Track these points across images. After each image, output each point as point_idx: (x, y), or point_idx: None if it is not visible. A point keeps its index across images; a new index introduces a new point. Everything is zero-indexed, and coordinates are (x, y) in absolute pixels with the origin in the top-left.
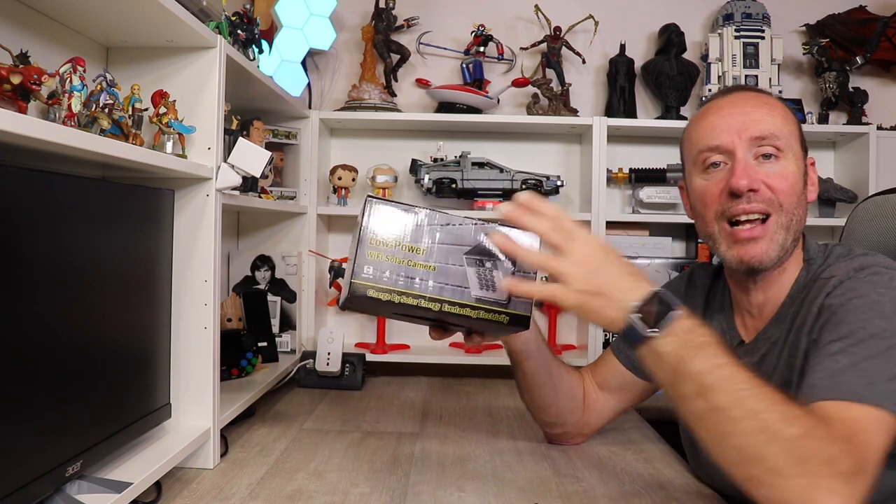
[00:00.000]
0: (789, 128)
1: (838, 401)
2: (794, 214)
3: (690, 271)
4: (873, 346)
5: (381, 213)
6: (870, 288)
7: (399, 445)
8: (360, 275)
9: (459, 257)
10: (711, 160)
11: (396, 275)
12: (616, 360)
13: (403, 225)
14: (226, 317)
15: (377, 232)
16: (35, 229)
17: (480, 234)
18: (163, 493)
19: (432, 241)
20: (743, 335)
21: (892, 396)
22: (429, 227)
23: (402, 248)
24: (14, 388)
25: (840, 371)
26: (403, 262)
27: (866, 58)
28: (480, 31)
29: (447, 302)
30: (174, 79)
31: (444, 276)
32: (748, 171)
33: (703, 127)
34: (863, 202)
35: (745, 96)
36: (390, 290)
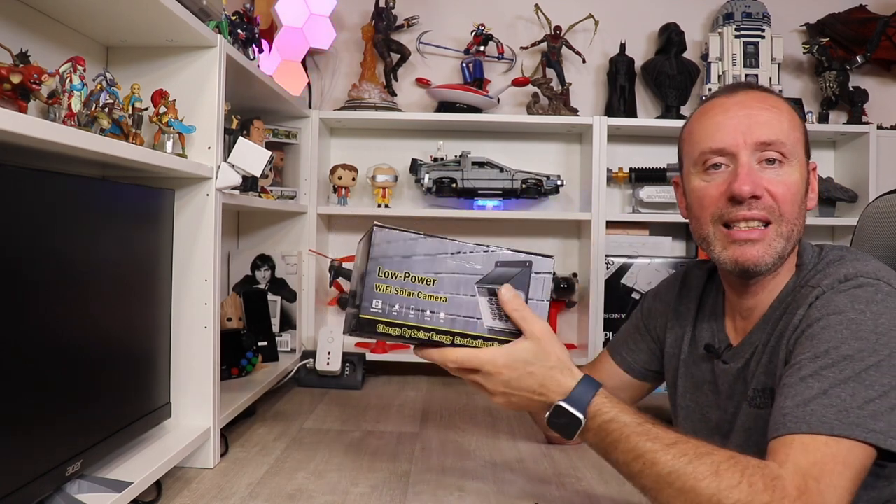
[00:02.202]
0: (795, 133)
1: (807, 434)
2: (794, 224)
3: (685, 271)
4: (845, 368)
5: (388, 241)
6: (849, 303)
7: (399, 445)
8: (369, 309)
9: (471, 287)
10: (713, 161)
11: (406, 308)
12: (612, 362)
13: (412, 254)
14: (226, 316)
15: (385, 263)
16: (35, 229)
17: (492, 262)
18: (163, 493)
19: (442, 271)
20: (732, 338)
21: (864, 422)
22: (438, 256)
23: (410, 280)
24: (14, 387)
25: (811, 399)
26: (413, 295)
27: (866, 57)
28: (480, 31)
29: (459, 334)
30: (174, 78)
31: (455, 307)
32: (752, 177)
33: (707, 126)
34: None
35: (752, 96)
36: (401, 324)
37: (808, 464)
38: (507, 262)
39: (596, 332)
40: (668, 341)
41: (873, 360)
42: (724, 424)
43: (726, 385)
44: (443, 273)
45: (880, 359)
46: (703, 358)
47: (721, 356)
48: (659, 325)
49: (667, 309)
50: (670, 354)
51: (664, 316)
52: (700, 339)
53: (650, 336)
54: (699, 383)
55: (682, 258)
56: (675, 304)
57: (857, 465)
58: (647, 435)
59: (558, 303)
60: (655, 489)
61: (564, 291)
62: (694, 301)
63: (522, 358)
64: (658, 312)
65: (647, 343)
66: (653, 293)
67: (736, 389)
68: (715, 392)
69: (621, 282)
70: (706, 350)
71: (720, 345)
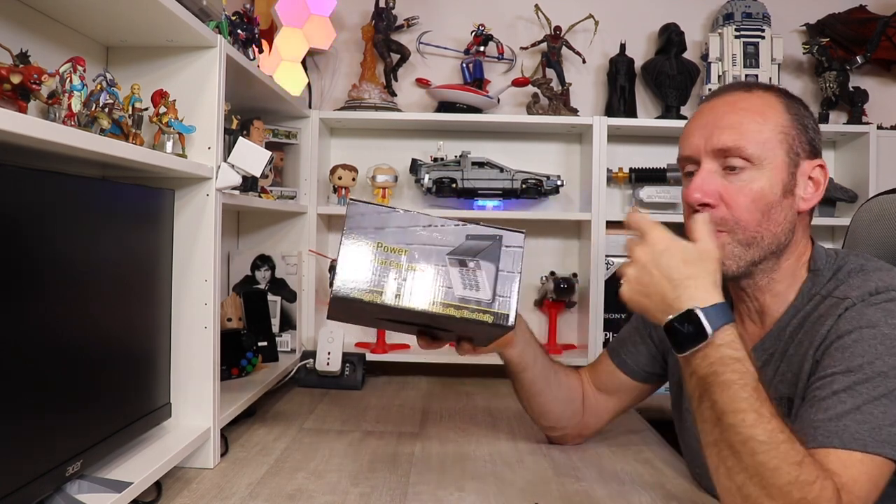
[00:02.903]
0: (767, 135)
1: (840, 449)
2: (756, 231)
3: None
4: (879, 385)
5: (361, 214)
6: (883, 317)
7: (399, 445)
8: (342, 277)
9: (442, 258)
10: (687, 169)
11: (379, 276)
12: (612, 364)
13: (385, 226)
14: (226, 316)
15: (358, 234)
16: (35, 229)
17: (462, 235)
18: (163, 493)
19: (414, 243)
20: None
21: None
22: (410, 228)
23: (383, 250)
24: (14, 387)
25: (844, 414)
26: (386, 264)
27: (866, 57)
28: (480, 31)
29: (430, 302)
30: (174, 78)
31: (426, 276)
32: (704, 185)
33: (685, 133)
34: (867, 202)
35: (725, 100)
36: (373, 290)
37: (849, 480)
38: (478, 235)
39: (596, 333)
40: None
41: None
42: None
43: None
44: (414, 244)
45: None
46: None
47: None
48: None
49: None
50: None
51: None
52: None
53: (651, 339)
54: None
55: None
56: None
57: (883, 481)
58: (759, 394)
59: (558, 303)
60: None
61: (564, 291)
62: None
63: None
64: None
65: (648, 346)
66: None
67: None
68: None
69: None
70: None
71: None
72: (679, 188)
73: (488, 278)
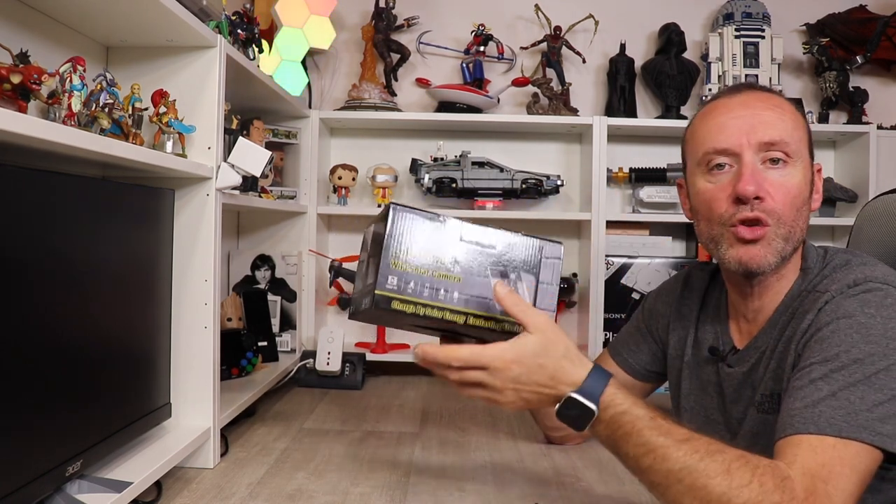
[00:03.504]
0: (798, 133)
1: (815, 435)
2: (793, 226)
3: (687, 272)
4: (855, 372)
5: (405, 221)
6: (859, 307)
7: (399, 445)
8: (385, 285)
9: (484, 269)
10: (717, 162)
11: (421, 286)
12: (613, 362)
13: (428, 234)
14: (226, 316)
15: (402, 241)
16: (35, 229)
17: (505, 245)
18: (163, 493)
19: (457, 251)
20: (736, 341)
21: (872, 425)
22: (453, 236)
23: (427, 258)
24: (14, 387)
25: (819, 401)
26: (428, 273)
27: (866, 57)
28: (480, 31)
29: (472, 315)
30: (174, 78)
31: (469, 287)
32: (756, 178)
33: (711, 127)
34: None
35: (755, 96)
36: (415, 301)
37: (816, 465)
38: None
39: (596, 333)
40: (671, 342)
41: (883, 364)
42: (730, 427)
43: (732, 388)
44: (458, 253)
45: (890, 363)
46: (708, 360)
47: (725, 359)
48: (661, 326)
49: (669, 310)
50: (673, 356)
51: (666, 317)
52: (703, 341)
53: (652, 337)
54: (704, 385)
55: (683, 258)
56: (678, 305)
57: (864, 468)
58: (658, 430)
59: (558, 303)
60: (664, 485)
61: (564, 291)
62: (696, 302)
63: (531, 351)
64: (660, 313)
65: (649, 344)
66: (654, 294)
67: (742, 394)
68: (720, 394)
69: (621, 282)
70: (710, 353)
71: (724, 348)
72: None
73: (529, 290)
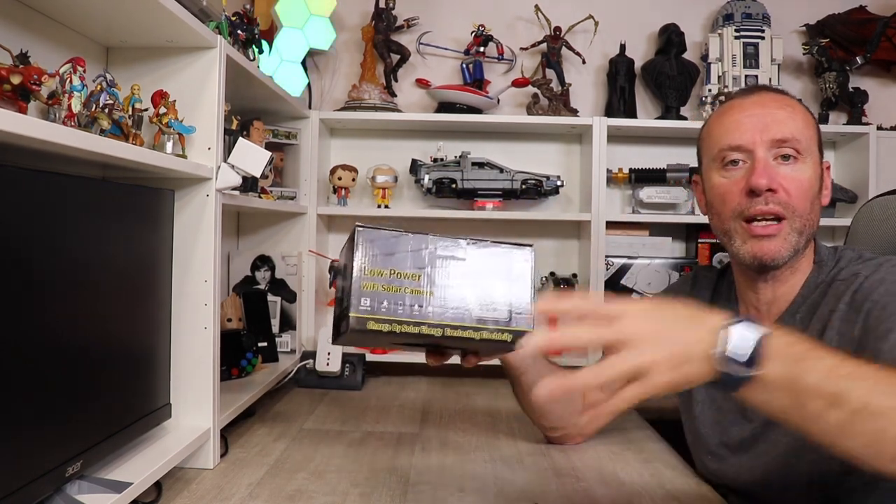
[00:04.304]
0: (809, 132)
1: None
2: (807, 219)
3: (694, 273)
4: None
5: (370, 241)
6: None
7: (399, 445)
8: (358, 307)
9: (456, 279)
10: (731, 158)
11: (395, 304)
12: None
13: (395, 251)
14: (226, 317)
15: (369, 262)
16: (35, 229)
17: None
18: (163, 493)
19: (427, 265)
20: None
21: None
22: (421, 250)
23: (396, 276)
24: (14, 388)
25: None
26: (400, 290)
27: (866, 58)
28: (480, 31)
29: (448, 326)
30: (174, 79)
31: (442, 299)
32: (768, 171)
33: (726, 125)
34: (868, 203)
35: (768, 97)
36: (390, 320)
37: None
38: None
39: None
40: None
41: None
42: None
43: None
44: (426, 267)
45: None
46: None
47: None
48: None
49: None
50: None
51: None
52: None
53: None
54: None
55: (683, 259)
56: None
57: None
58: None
59: None
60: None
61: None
62: (706, 297)
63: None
64: None
65: None
66: (662, 294)
67: None
68: None
69: (621, 283)
70: None
71: None
72: (679, 188)
73: (503, 296)
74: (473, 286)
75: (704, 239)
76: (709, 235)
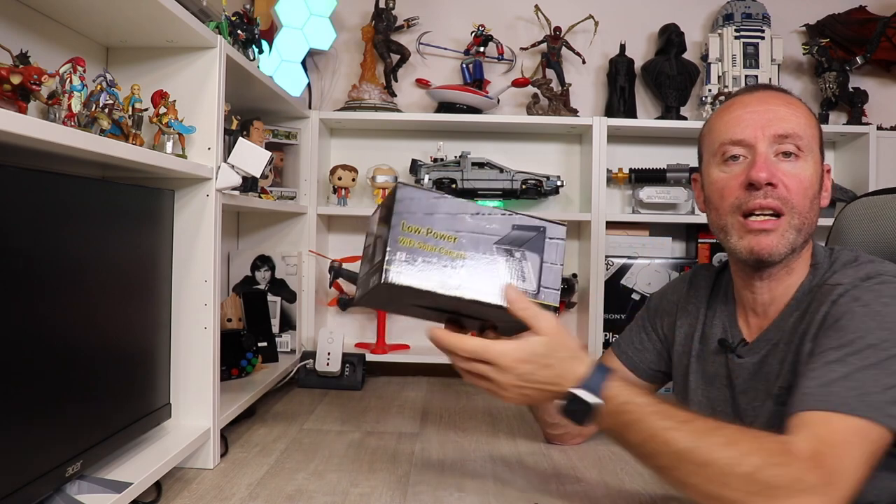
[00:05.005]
0: (811, 131)
1: (826, 412)
2: (805, 217)
3: (692, 272)
4: (870, 356)
5: (411, 197)
6: (874, 297)
7: (399, 445)
8: (394, 261)
9: (490, 247)
10: (732, 153)
11: (429, 263)
12: (617, 360)
13: (434, 212)
14: (226, 317)
15: (408, 218)
16: (35, 229)
17: (509, 225)
18: (163, 493)
19: (462, 230)
20: (745, 334)
21: (884, 407)
22: (459, 214)
23: (433, 235)
24: (14, 388)
25: (833, 381)
26: (435, 249)
27: (866, 58)
28: (480, 31)
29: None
30: (174, 79)
31: (474, 264)
32: (768, 165)
33: (728, 120)
34: (850, 203)
35: (771, 94)
36: (422, 277)
37: (824, 433)
38: (523, 225)
39: (596, 333)
40: (678, 339)
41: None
42: (740, 418)
43: (742, 380)
44: (463, 231)
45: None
46: (716, 352)
47: (735, 350)
48: (666, 324)
49: (674, 308)
50: (680, 352)
51: (672, 315)
52: (711, 335)
53: (657, 335)
54: (712, 378)
55: (683, 259)
56: (684, 303)
57: (872, 446)
58: (660, 414)
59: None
60: (671, 467)
61: (564, 292)
62: (703, 298)
63: (539, 352)
64: (665, 311)
65: (654, 343)
66: (658, 294)
67: (754, 385)
68: (729, 387)
69: (621, 282)
70: (720, 345)
71: (733, 339)
72: (679, 188)
73: (534, 269)
74: (507, 255)
75: (704, 239)
76: (709, 235)
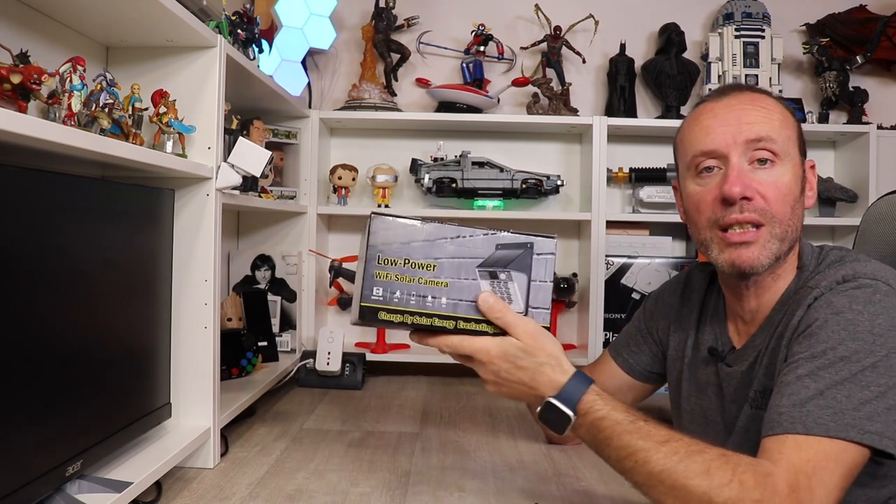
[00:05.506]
0: (787, 131)
1: (802, 435)
2: (788, 225)
3: (688, 272)
4: (842, 369)
5: (386, 228)
6: (847, 303)
7: (399, 445)
8: (370, 297)
9: (472, 271)
10: (705, 165)
11: (407, 294)
12: (614, 363)
13: (411, 240)
14: (226, 316)
15: (384, 250)
16: (35, 229)
17: (492, 245)
18: (163, 493)
19: (442, 256)
20: (735, 341)
21: (860, 423)
22: (438, 240)
23: (410, 266)
24: (14, 387)
25: (807, 399)
26: (414, 281)
27: (866, 57)
28: (480, 31)
29: (462, 319)
30: (174, 78)
31: (457, 291)
32: (741, 178)
33: (697, 130)
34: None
35: (741, 98)
36: (402, 310)
37: (800, 461)
38: (508, 244)
39: (596, 333)
40: (672, 345)
41: (870, 361)
42: (729, 427)
43: (731, 388)
44: (443, 258)
45: (877, 359)
46: (707, 361)
47: (724, 359)
48: (661, 328)
49: (669, 312)
50: (673, 358)
51: (666, 319)
52: (703, 343)
53: (652, 338)
54: (703, 386)
55: (683, 258)
56: (678, 308)
57: (850, 465)
58: (638, 432)
59: (558, 303)
60: (647, 486)
61: (564, 291)
62: (696, 304)
63: (512, 353)
64: (660, 315)
65: (650, 345)
66: (655, 295)
67: (740, 393)
68: (719, 395)
69: (621, 282)
70: (709, 353)
71: (723, 348)
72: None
73: (520, 289)
74: (490, 277)
75: None
76: None
